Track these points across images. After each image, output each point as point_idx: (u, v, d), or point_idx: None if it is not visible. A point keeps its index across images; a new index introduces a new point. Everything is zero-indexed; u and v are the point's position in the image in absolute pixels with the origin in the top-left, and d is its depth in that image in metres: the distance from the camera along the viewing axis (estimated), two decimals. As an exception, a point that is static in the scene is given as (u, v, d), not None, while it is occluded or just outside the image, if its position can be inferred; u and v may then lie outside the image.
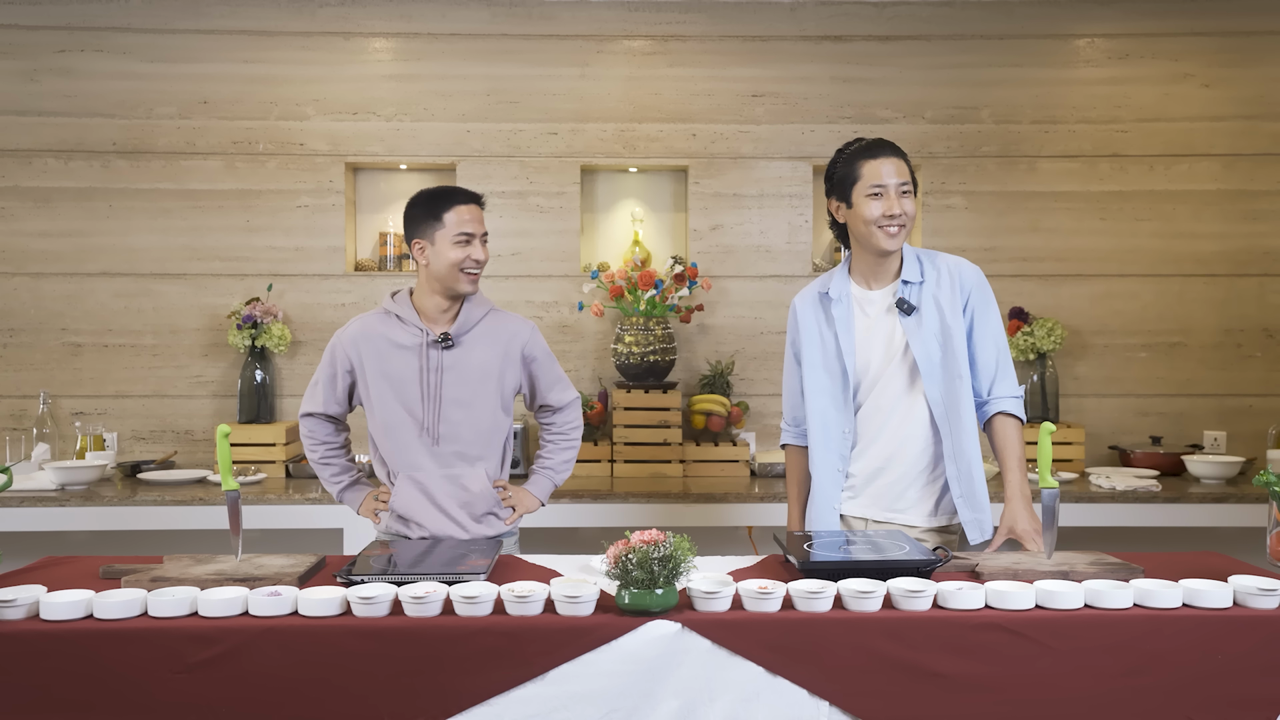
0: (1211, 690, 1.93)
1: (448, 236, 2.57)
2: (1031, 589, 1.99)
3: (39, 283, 4.15)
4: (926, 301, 2.53)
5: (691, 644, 1.91)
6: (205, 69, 4.16)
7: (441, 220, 2.58)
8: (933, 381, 2.50)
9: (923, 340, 2.51)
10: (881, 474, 2.55)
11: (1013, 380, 2.57)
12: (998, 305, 2.60)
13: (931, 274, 2.55)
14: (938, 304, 2.52)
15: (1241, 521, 3.59)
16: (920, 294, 2.53)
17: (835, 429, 2.58)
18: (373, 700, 1.87)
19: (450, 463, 2.63)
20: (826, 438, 2.59)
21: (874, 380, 2.54)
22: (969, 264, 2.59)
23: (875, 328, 2.55)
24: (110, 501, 3.53)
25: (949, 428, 2.51)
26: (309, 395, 2.77)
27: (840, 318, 2.57)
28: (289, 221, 4.20)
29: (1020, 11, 4.24)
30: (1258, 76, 4.24)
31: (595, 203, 4.39)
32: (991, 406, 2.55)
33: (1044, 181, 4.25)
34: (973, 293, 2.54)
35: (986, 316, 2.55)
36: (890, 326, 2.54)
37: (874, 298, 2.57)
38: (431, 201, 2.62)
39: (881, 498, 2.56)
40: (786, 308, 4.20)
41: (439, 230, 2.58)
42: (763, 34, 4.24)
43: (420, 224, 2.62)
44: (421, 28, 4.20)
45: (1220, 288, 4.26)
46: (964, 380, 2.51)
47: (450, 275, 2.59)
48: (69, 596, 1.95)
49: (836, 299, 2.59)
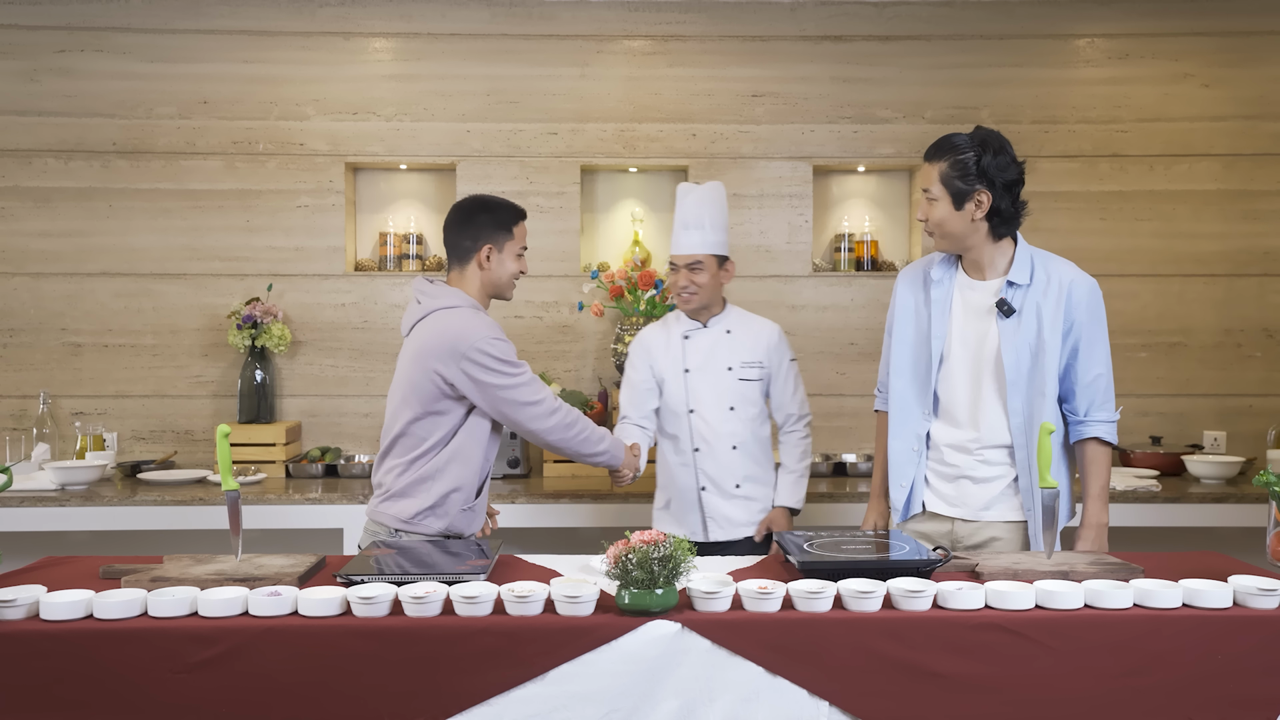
0: (1211, 690, 1.93)
1: (514, 249, 2.69)
2: (1031, 589, 1.99)
3: (39, 283, 4.15)
4: (1028, 308, 2.48)
5: (691, 644, 1.91)
6: (205, 69, 4.16)
7: (512, 232, 2.69)
8: (1016, 391, 2.48)
9: (1015, 347, 2.48)
10: (955, 469, 2.55)
11: (1112, 406, 2.54)
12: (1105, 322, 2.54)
13: (1041, 279, 2.50)
14: (1039, 313, 2.48)
15: (1241, 521, 3.59)
16: (1024, 298, 2.48)
17: (914, 409, 2.60)
18: (373, 700, 1.87)
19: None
20: (905, 416, 2.62)
21: (956, 372, 2.54)
22: (1085, 279, 2.51)
23: (971, 320, 2.53)
24: (110, 501, 3.53)
25: (1024, 439, 2.49)
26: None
27: (938, 300, 2.56)
28: (289, 221, 4.20)
29: (1020, 11, 4.24)
30: (1258, 76, 4.24)
31: (595, 203, 4.39)
32: (1086, 429, 2.52)
33: (1044, 181, 4.25)
34: (1081, 312, 2.48)
35: (1095, 337, 2.51)
36: (987, 324, 2.51)
37: (977, 288, 2.55)
38: (504, 212, 2.70)
39: (954, 494, 2.57)
40: (786, 308, 4.23)
41: (509, 241, 2.68)
42: (763, 34, 4.24)
43: (491, 231, 2.67)
44: (421, 28, 4.20)
45: (1220, 288, 4.26)
46: (1045, 397, 2.47)
47: (507, 284, 2.71)
48: (69, 596, 1.95)
49: (937, 281, 2.58)
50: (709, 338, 3.06)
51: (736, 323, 3.09)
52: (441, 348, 2.52)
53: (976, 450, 2.52)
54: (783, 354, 3.08)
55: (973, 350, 2.52)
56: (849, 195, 4.42)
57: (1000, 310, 2.48)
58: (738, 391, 3.03)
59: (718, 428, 3.02)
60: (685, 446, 3.05)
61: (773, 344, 3.07)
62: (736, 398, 3.03)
